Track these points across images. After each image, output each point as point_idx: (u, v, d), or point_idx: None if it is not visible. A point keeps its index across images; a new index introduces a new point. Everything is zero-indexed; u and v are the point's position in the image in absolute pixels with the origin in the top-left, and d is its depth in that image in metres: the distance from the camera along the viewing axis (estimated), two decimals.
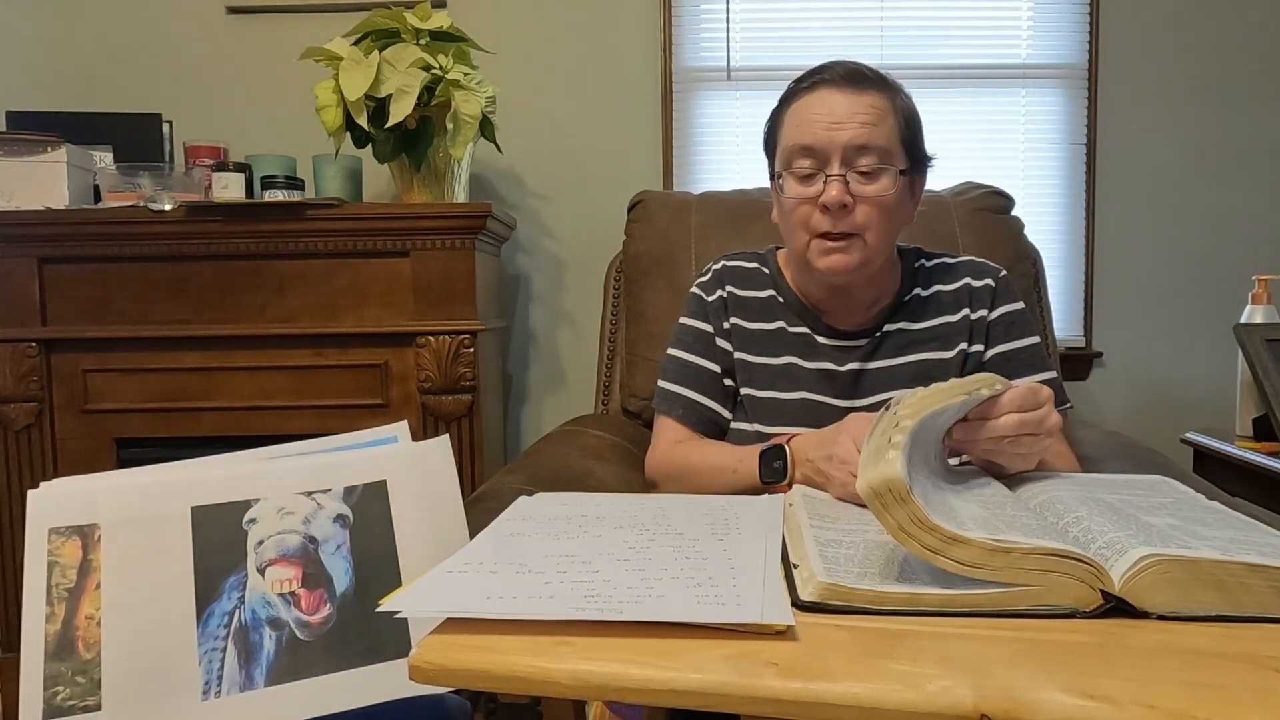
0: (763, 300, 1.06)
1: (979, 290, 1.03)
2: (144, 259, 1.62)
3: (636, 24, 2.00)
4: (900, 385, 0.99)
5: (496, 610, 0.50)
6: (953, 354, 1.00)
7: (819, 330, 1.03)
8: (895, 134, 0.93)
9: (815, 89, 0.94)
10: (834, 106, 0.91)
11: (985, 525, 0.54)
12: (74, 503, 0.69)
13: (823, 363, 1.02)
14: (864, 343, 1.02)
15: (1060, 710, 0.40)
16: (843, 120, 0.90)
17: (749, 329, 1.05)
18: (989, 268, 1.06)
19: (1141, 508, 0.64)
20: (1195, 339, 2.00)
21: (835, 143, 0.90)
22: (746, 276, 1.08)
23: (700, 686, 0.44)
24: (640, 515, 0.69)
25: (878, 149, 0.91)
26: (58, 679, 0.65)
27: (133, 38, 2.03)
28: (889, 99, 0.94)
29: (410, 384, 1.65)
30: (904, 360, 1.01)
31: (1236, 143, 1.98)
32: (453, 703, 0.83)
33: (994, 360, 1.01)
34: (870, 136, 0.90)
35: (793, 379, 1.02)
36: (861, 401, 1.00)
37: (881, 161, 0.91)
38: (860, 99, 0.92)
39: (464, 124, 1.61)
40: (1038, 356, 1.03)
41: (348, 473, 0.76)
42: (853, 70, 0.93)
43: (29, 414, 1.62)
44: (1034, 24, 1.98)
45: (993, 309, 1.02)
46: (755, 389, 1.03)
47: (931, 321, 1.02)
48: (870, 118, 0.91)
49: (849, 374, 1.01)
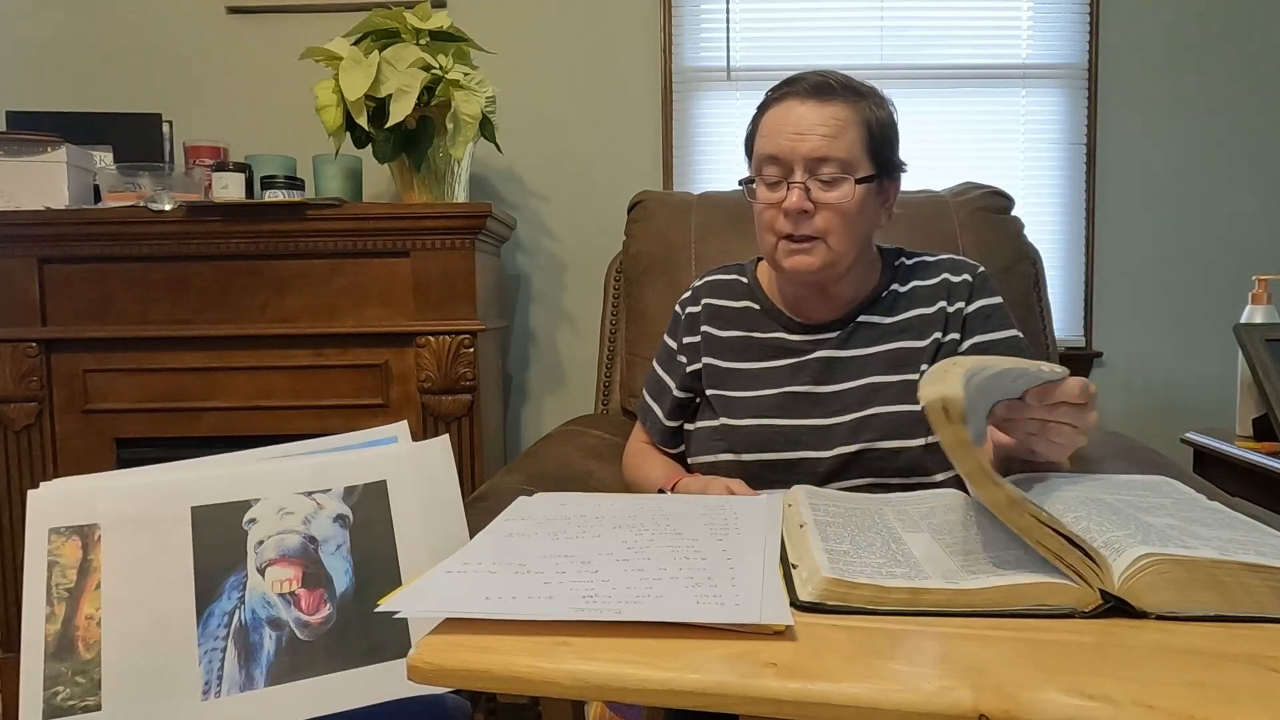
0: (738, 310, 1.10)
1: (957, 285, 1.05)
2: (144, 259, 1.62)
3: (636, 24, 2.00)
4: (875, 372, 1.01)
5: (495, 610, 0.50)
6: (926, 343, 1.02)
7: (791, 329, 1.06)
8: (859, 144, 0.96)
9: (783, 100, 0.99)
10: (799, 118, 0.96)
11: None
12: (74, 503, 0.69)
13: (792, 357, 1.04)
14: (835, 334, 1.04)
15: (1059, 710, 0.40)
16: (805, 131, 0.95)
17: (722, 337, 1.09)
18: (967, 264, 1.08)
19: (1141, 508, 0.64)
20: (1195, 339, 2.00)
21: (797, 153, 0.95)
22: (725, 288, 1.13)
23: (699, 687, 0.44)
24: (639, 515, 0.69)
25: (837, 160, 0.95)
26: (58, 679, 0.65)
27: (133, 38, 2.03)
28: (854, 110, 0.97)
29: (410, 384, 1.65)
30: (878, 349, 1.02)
31: (1236, 143, 1.98)
32: (452, 703, 0.83)
33: (971, 350, 1.02)
34: (830, 149, 0.94)
35: (763, 381, 1.05)
36: (835, 387, 1.02)
37: (842, 171, 0.95)
38: (822, 110, 0.96)
39: (464, 124, 1.61)
40: (1016, 350, 1.03)
41: (348, 473, 0.76)
42: (819, 83, 0.97)
43: (29, 414, 1.62)
44: (1034, 24, 1.98)
45: (970, 302, 1.04)
46: (728, 390, 1.06)
47: (906, 314, 1.04)
48: (830, 130, 0.95)
49: (819, 361, 1.03)
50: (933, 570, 0.55)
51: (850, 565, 0.55)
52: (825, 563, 0.55)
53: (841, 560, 0.56)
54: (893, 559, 0.57)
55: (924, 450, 0.96)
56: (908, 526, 0.66)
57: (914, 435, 0.96)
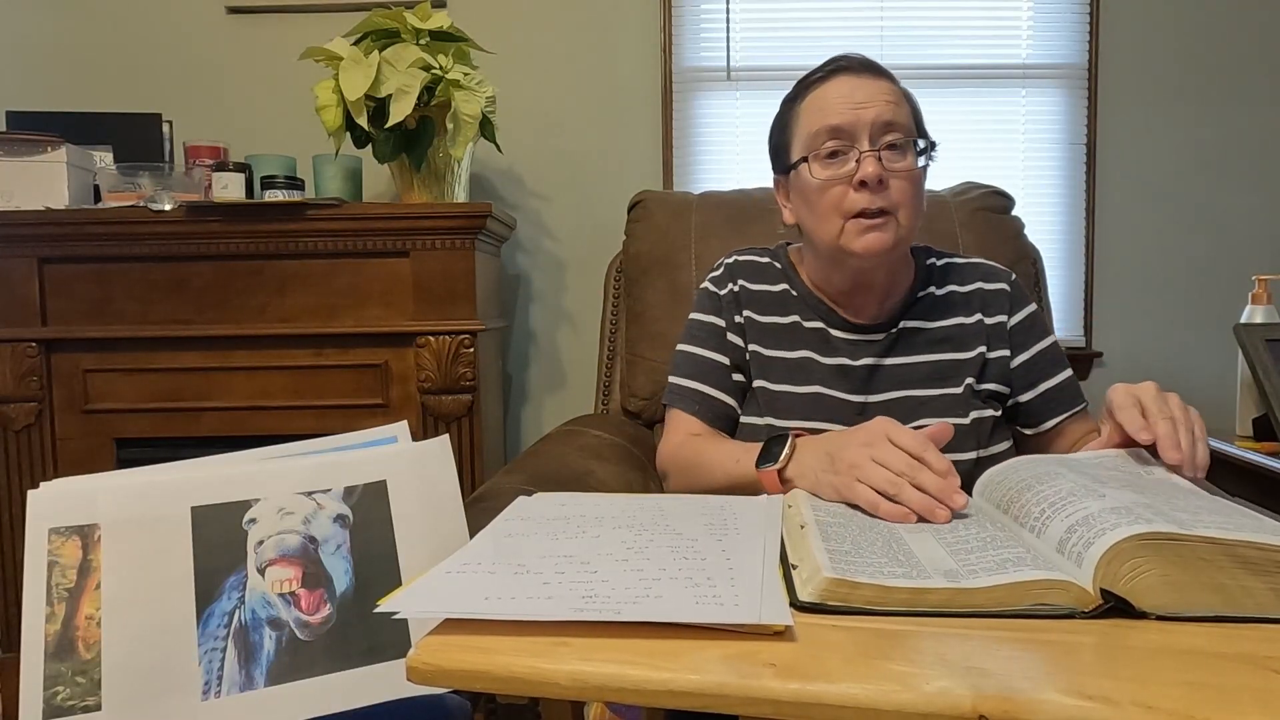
0: (776, 294, 1.06)
1: (993, 294, 1.03)
2: (144, 259, 1.62)
3: (636, 24, 2.00)
4: (916, 383, 0.99)
5: (494, 611, 0.49)
6: (971, 355, 1.00)
7: (834, 324, 1.03)
8: (910, 118, 0.96)
9: (833, 76, 0.96)
10: (855, 89, 0.93)
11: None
12: (74, 503, 0.69)
13: (838, 358, 1.01)
14: (880, 338, 1.01)
15: (1058, 710, 0.40)
16: (866, 100, 0.92)
17: (763, 322, 1.05)
18: (999, 271, 1.06)
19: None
20: (1195, 339, 2.00)
21: (862, 120, 0.91)
22: (759, 271, 1.08)
23: (698, 687, 0.44)
24: (638, 515, 0.69)
25: (902, 125, 0.93)
26: (58, 679, 0.65)
27: (133, 38, 2.03)
28: (900, 88, 0.97)
29: (410, 384, 1.65)
30: (920, 359, 1.00)
31: (1236, 143, 1.98)
32: (452, 703, 0.83)
33: (1024, 366, 1.02)
34: (895, 114, 0.92)
35: (807, 373, 1.01)
36: (875, 397, 0.99)
37: (906, 137, 0.93)
38: (878, 83, 0.94)
39: (464, 124, 1.61)
40: (1059, 355, 1.04)
41: (348, 473, 0.76)
42: (867, 60, 0.97)
43: (29, 414, 1.62)
44: (1034, 24, 1.98)
45: (1012, 314, 1.03)
46: (770, 382, 1.02)
47: (946, 321, 1.02)
48: (892, 98, 0.93)
49: (863, 369, 1.00)
50: (934, 570, 0.55)
51: (852, 565, 0.55)
52: (827, 562, 0.54)
53: (843, 560, 0.56)
54: (894, 559, 0.57)
55: (975, 464, 0.93)
56: (909, 526, 0.66)
57: (965, 449, 0.94)
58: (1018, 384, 1.03)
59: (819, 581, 0.53)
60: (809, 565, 0.56)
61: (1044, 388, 1.02)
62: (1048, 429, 1.03)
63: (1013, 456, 0.81)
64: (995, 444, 0.99)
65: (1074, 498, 0.61)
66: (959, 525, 0.65)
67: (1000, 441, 1.00)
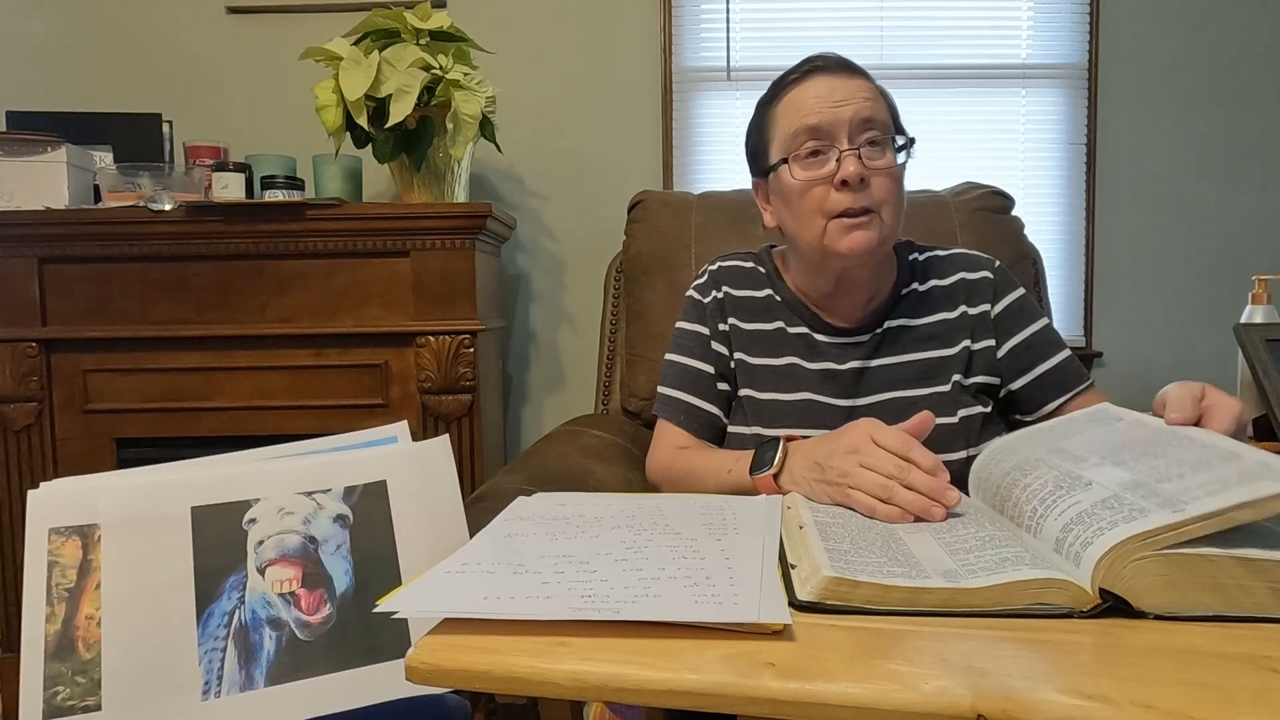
0: (760, 300, 1.06)
1: (976, 283, 1.02)
2: (144, 259, 1.62)
3: (636, 24, 2.00)
4: (904, 383, 0.98)
5: (494, 610, 0.50)
6: (955, 350, 0.99)
7: (818, 329, 1.02)
8: (888, 115, 0.95)
9: (809, 76, 0.95)
10: (833, 88, 0.93)
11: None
12: (74, 503, 0.69)
13: (824, 363, 1.01)
14: (865, 339, 1.01)
15: (1057, 710, 0.40)
16: (844, 99, 0.92)
17: (748, 329, 1.05)
18: (982, 259, 1.05)
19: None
20: (1195, 339, 2.00)
21: (841, 118, 0.91)
22: (743, 276, 1.08)
23: (697, 687, 0.44)
24: (638, 515, 0.69)
25: (881, 122, 0.93)
26: (58, 679, 0.65)
27: (133, 38, 2.03)
28: (876, 86, 0.96)
29: (410, 384, 1.65)
30: (907, 358, 1.00)
31: (1236, 143, 1.98)
32: (452, 702, 0.83)
33: (1011, 353, 1.00)
34: (873, 111, 0.92)
35: (795, 380, 1.01)
36: (864, 400, 0.99)
37: (885, 134, 0.93)
38: (854, 81, 0.94)
39: (464, 124, 1.61)
40: (1052, 337, 1.02)
41: (348, 473, 0.76)
42: (842, 60, 0.96)
43: (29, 414, 1.62)
44: (1034, 24, 1.98)
45: (995, 302, 1.02)
46: (757, 390, 1.02)
47: (930, 318, 1.02)
48: (869, 95, 0.93)
49: (850, 372, 1.00)
50: (933, 569, 0.55)
51: (851, 564, 0.55)
52: (826, 562, 0.55)
53: (842, 559, 0.56)
54: (893, 558, 0.57)
55: (966, 463, 0.91)
56: (907, 526, 0.66)
57: (954, 448, 0.94)
58: (1007, 372, 1.01)
59: (818, 580, 0.53)
60: (808, 564, 0.56)
61: (1039, 371, 1.00)
62: (1049, 412, 1.00)
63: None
64: (986, 441, 0.98)
65: (1061, 490, 0.61)
66: (957, 525, 0.65)
67: (991, 439, 0.99)
